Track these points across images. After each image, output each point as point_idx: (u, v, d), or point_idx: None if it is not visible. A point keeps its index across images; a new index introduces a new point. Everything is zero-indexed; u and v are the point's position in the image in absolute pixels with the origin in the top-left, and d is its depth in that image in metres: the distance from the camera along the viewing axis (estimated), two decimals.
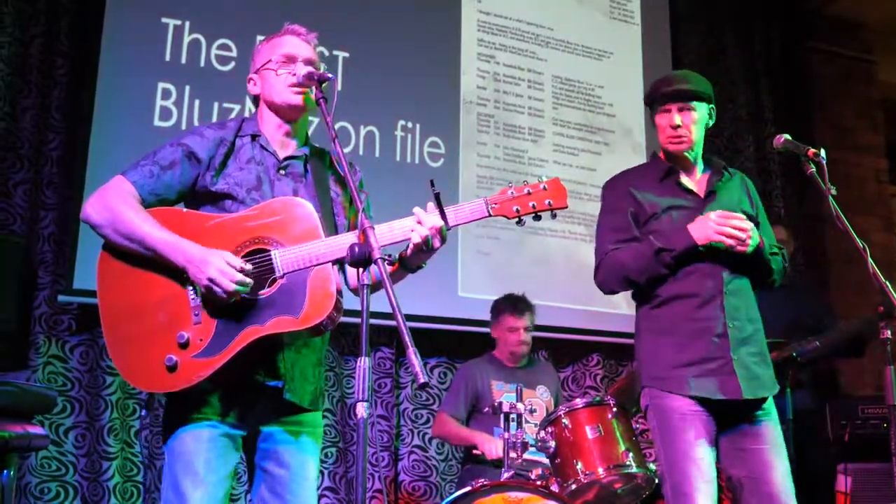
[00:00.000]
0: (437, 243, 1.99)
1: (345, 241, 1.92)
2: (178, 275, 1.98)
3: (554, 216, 2.05)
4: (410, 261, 2.06)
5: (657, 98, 2.64)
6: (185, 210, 2.09)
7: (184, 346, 1.93)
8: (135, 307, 1.98)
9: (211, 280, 1.91)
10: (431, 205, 2.00)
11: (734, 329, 2.50)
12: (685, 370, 2.49)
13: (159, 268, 1.99)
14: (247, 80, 2.24)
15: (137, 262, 2.00)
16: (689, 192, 2.65)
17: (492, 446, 3.59)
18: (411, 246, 1.99)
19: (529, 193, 2.03)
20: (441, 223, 1.97)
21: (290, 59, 2.15)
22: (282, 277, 1.95)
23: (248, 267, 1.94)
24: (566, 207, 2.05)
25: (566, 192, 2.05)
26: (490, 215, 2.02)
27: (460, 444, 3.98)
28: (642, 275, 2.55)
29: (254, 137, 2.18)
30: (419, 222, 1.98)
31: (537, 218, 2.05)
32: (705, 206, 2.59)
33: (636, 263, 2.55)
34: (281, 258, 1.96)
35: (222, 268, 1.91)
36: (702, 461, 2.43)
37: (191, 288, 1.97)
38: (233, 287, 1.90)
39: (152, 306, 1.98)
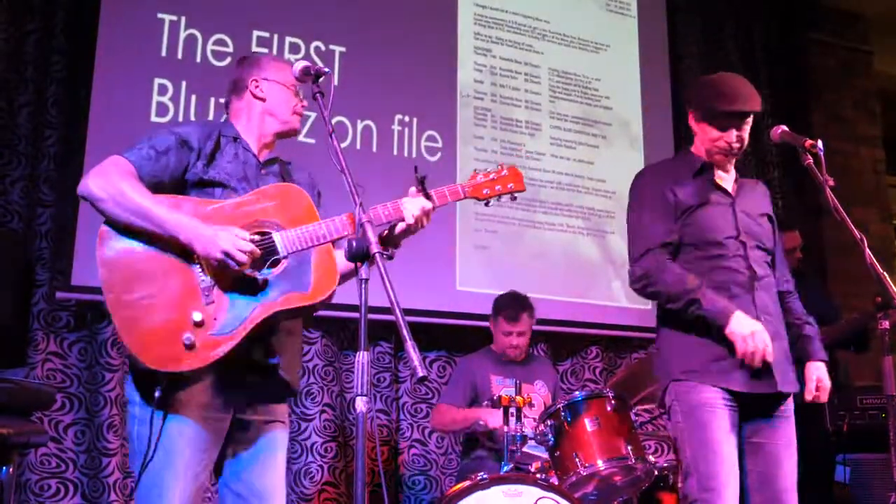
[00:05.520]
0: (424, 222, 2.21)
1: (343, 222, 2.09)
2: (183, 256, 2.01)
3: (514, 199, 2.36)
4: (396, 238, 2.22)
5: (719, 114, 2.56)
6: (181, 196, 2.12)
7: (199, 325, 1.97)
8: (142, 285, 1.99)
9: (225, 252, 1.96)
10: (414, 189, 2.17)
11: (766, 323, 2.48)
12: (719, 363, 2.47)
13: (162, 248, 2.02)
14: (249, 80, 2.30)
15: (140, 242, 2.02)
16: (722, 189, 2.65)
17: (494, 417, 3.50)
18: (403, 226, 2.18)
19: (494, 179, 2.32)
20: (430, 205, 2.18)
21: (297, 93, 2.33)
22: (286, 258, 2.05)
23: (257, 238, 2.03)
24: (524, 191, 2.37)
25: (523, 176, 2.36)
26: (465, 197, 2.29)
27: (462, 427, 3.82)
28: (669, 303, 2.53)
29: (234, 139, 2.26)
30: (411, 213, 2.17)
31: (500, 199, 2.34)
32: (736, 204, 2.61)
33: (670, 293, 2.52)
34: (283, 239, 2.06)
35: (233, 240, 1.98)
36: (730, 455, 2.44)
37: (198, 268, 2.01)
38: (246, 257, 1.98)
39: (160, 285, 1.99)
